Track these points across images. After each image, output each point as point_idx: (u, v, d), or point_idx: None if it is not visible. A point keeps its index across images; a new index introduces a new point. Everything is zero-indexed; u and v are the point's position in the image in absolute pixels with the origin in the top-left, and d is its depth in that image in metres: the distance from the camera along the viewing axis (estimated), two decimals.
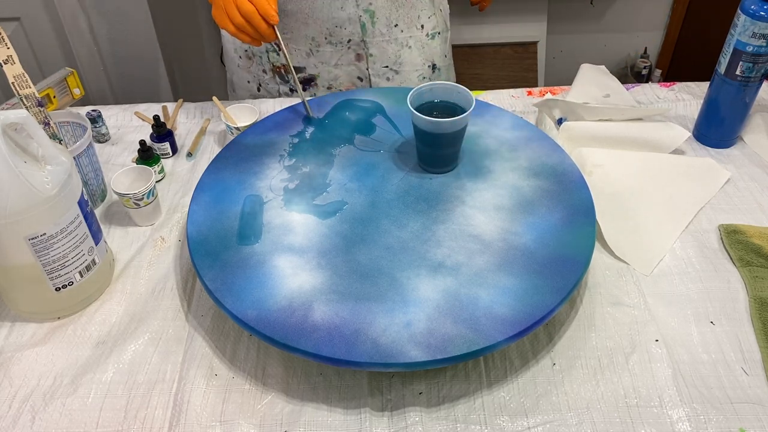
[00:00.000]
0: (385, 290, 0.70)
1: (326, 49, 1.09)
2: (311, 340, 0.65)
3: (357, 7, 1.04)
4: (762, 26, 0.87)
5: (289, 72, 1.13)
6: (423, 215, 0.79)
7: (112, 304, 0.79)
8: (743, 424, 0.65)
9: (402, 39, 1.11)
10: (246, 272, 0.72)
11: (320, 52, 1.10)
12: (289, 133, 0.93)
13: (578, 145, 0.98)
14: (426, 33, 1.13)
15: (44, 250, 0.71)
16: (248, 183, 0.84)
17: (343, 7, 1.04)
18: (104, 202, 0.94)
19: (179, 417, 0.67)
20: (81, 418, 0.67)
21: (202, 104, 1.12)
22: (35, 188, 0.67)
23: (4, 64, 0.80)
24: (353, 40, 1.09)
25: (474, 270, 0.72)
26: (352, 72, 1.14)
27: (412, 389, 0.69)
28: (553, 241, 0.75)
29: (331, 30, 1.07)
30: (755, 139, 1.01)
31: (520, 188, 0.82)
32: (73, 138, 0.93)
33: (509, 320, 0.66)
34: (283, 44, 0.91)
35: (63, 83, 1.07)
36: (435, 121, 0.79)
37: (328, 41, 1.08)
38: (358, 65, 1.12)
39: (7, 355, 0.73)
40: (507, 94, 1.13)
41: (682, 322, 0.75)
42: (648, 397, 0.67)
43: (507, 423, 0.66)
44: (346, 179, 0.85)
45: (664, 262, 0.82)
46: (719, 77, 0.96)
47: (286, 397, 0.69)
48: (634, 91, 1.13)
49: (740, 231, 0.84)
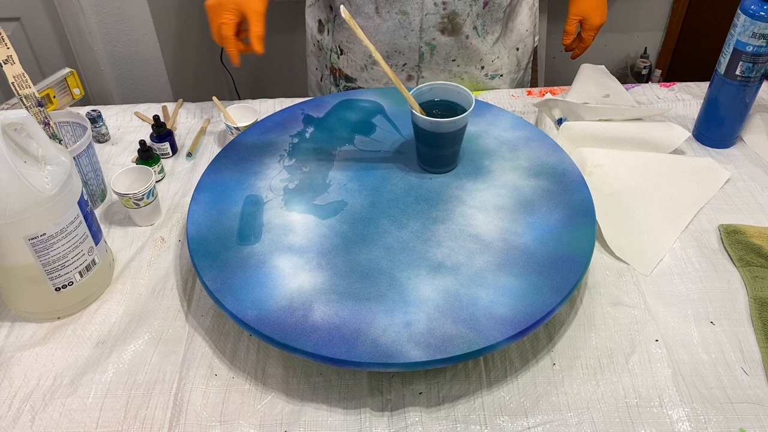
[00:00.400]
0: (385, 290, 0.70)
1: (381, 68, 1.09)
2: (311, 340, 0.65)
3: (420, 39, 1.05)
4: (762, 26, 0.87)
5: (341, 78, 1.14)
6: (423, 215, 0.79)
7: (112, 304, 0.79)
8: (743, 424, 0.65)
9: (457, 71, 1.11)
10: (246, 272, 0.72)
11: (375, 70, 1.10)
12: (289, 133, 0.93)
13: (578, 145, 0.98)
14: (485, 73, 1.13)
15: (44, 250, 0.71)
16: (248, 183, 0.84)
17: (406, 36, 1.05)
18: (104, 202, 0.94)
19: (179, 417, 0.67)
20: (81, 418, 0.67)
21: (202, 104, 1.12)
22: (35, 188, 0.67)
23: (4, 64, 0.80)
24: (408, 65, 1.09)
25: (474, 270, 0.72)
26: None
27: (412, 389, 0.69)
28: (553, 241, 0.75)
29: (389, 53, 1.08)
30: (755, 139, 1.01)
31: (520, 188, 0.82)
32: (73, 138, 0.93)
33: (509, 320, 0.66)
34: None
35: (63, 83, 1.07)
36: (435, 121, 0.79)
37: (385, 62, 1.08)
38: (407, 84, 1.13)
39: (7, 355, 0.73)
40: (507, 94, 1.13)
41: (682, 322, 0.75)
42: (648, 397, 0.67)
43: (507, 423, 0.66)
44: (346, 179, 0.85)
45: (664, 262, 0.82)
46: (719, 77, 0.96)
47: (286, 397, 0.69)
48: (634, 91, 1.13)
49: (740, 231, 0.84)
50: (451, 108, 0.84)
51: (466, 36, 1.05)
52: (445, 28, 1.04)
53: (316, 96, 1.20)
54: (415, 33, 1.04)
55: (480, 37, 1.07)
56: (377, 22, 1.04)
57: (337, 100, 0.99)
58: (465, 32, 1.05)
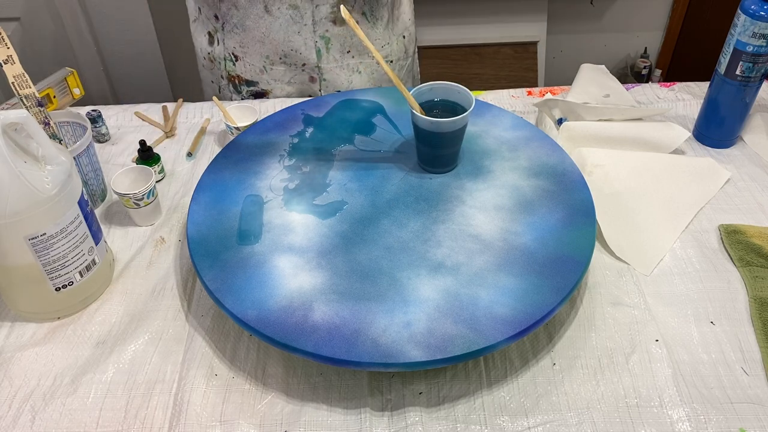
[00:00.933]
0: (385, 290, 0.70)
1: (280, 68, 1.10)
2: (311, 340, 0.65)
3: (314, 33, 1.05)
4: (762, 26, 0.87)
5: (242, 83, 1.14)
6: (423, 215, 0.79)
7: (112, 304, 0.79)
8: (743, 424, 0.65)
9: (353, 65, 1.13)
10: (246, 272, 0.72)
11: (274, 70, 1.11)
12: (289, 133, 0.93)
13: (578, 145, 0.98)
14: (377, 60, 1.14)
15: (44, 250, 0.71)
16: (248, 183, 0.84)
17: (300, 32, 1.05)
18: (104, 202, 0.94)
19: (179, 417, 0.67)
20: (81, 418, 0.67)
21: (202, 104, 1.12)
22: (35, 188, 0.67)
23: (4, 64, 0.80)
24: (308, 65, 1.10)
25: (474, 270, 0.72)
26: (305, 90, 1.16)
27: (412, 389, 0.69)
28: (553, 241, 0.75)
29: (286, 52, 1.08)
30: (755, 139, 1.01)
31: (520, 188, 0.82)
32: (73, 138, 0.93)
33: (509, 320, 0.66)
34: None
35: (63, 83, 1.07)
36: (435, 121, 0.79)
37: (283, 61, 1.10)
38: (311, 85, 1.14)
39: (7, 355, 0.73)
40: (507, 94, 1.13)
41: (682, 322, 0.75)
42: (648, 397, 0.67)
43: (507, 423, 0.66)
44: (346, 179, 0.85)
45: (664, 262, 0.82)
46: (719, 77, 0.96)
47: (286, 397, 0.69)
48: (634, 91, 1.13)
49: (740, 231, 0.84)
50: (451, 108, 0.84)
51: (357, 22, 1.05)
52: (336, 17, 1.05)
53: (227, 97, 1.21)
54: (308, 27, 1.04)
55: (369, 22, 1.08)
56: (268, 21, 1.04)
57: (337, 100, 0.99)
58: (355, 18, 1.05)
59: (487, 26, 2.07)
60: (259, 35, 1.06)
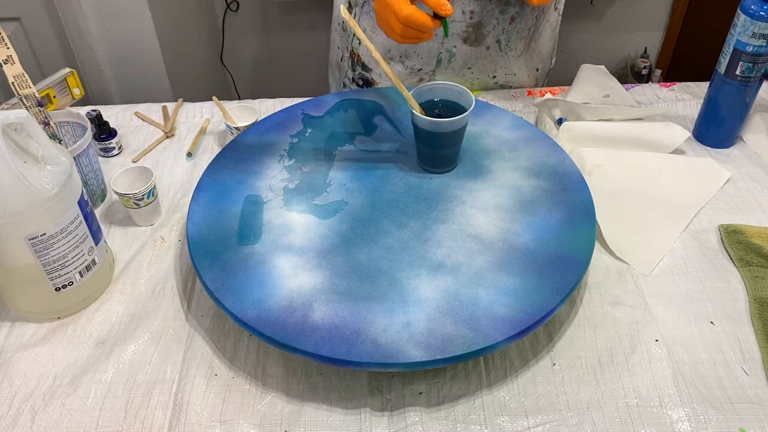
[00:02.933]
0: (385, 290, 0.70)
1: (396, 67, 1.08)
2: (311, 340, 0.65)
3: (441, 45, 1.03)
4: (762, 26, 0.87)
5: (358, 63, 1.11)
6: (423, 215, 0.79)
7: (112, 304, 0.79)
8: (743, 424, 0.65)
9: (469, 78, 1.10)
10: (246, 272, 0.72)
11: (390, 66, 1.08)
12: (289, 133, 0.93)
13: (578, 145, 0.98)
14: (495, 82, 1.12)
15: (44, 250, 0.71)
16: (248, 183, 0.84)
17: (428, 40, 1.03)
18: (104, 202, 0.94)
19: (179, 417, 0.67)
20: (81, 418, 0.67)
21: (202, 104, 1.12)
22: (35, 188, 0.67)
23: (4, 64, 0.80)
24: (424, 70, 1.08)
25: (474, 270, 0.72)
26: None
27: (412, 389, 0.69)
28: (553, 241, 0.75)
29: (408, 53, 1.06)
30: (755, 139, 1.01)
31: (520, 188, 0.82)
32: (73, 138, 0.93)
33: (509, 320, 0.66)
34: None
35: (63, 83, 1.07)
36: (435, 121, 0.79)
37: (401, 61, 1.07)
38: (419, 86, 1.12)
39: (7, 355, 0.73)
40: (507, 94, 1.13)
41: (682, 322, 0.75)
42: (648, 397, 0.67)
43: (507, 423, 0.66)
44: (346, 179, 0.85)
45: (664, 262, 0.82)
46: (719, 77, 0.96)
47: (286, 397, 0.69)
48: (634, 91, 1.13)
49: (740, 231, 0.84)
50: (452, 108, 0.84)
51: (487, 47, 1.04)
52: (468, 37, 1.03)
53: (335, 73, 1.19)
54: (438, 38, 1.03)
55: (501, 51, 1.06)
56: None
57: (337, 100, 0.99)
58: (487, 43, 1.04)
59: None
60: None
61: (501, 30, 1.03)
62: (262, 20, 2.14)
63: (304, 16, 2.12)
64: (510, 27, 1.03)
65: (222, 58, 2.17)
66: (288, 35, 2.18)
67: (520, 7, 1.01)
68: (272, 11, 2.13)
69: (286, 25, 2.15)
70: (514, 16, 1.02)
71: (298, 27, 2.14)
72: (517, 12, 1.02)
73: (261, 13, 2.13)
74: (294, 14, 2.13)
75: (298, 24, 2.12)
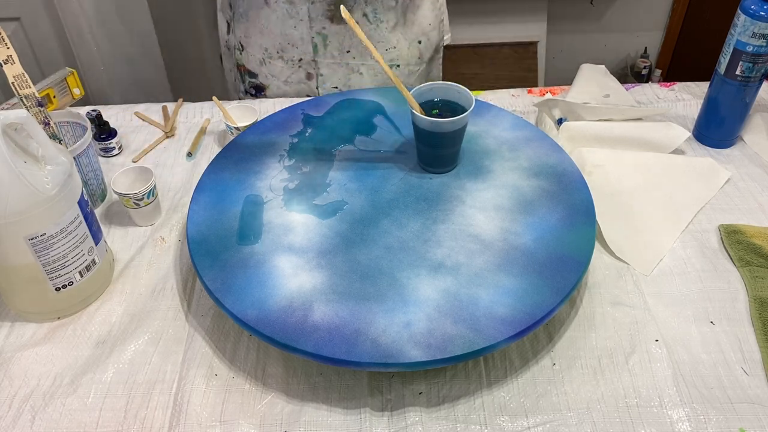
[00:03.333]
0: (385, 290, 0.70)
1: (277, 63, 1.09)
2: (311, 340, 0.65)
3: (310, 29, 1.04)
4: (762, 26, 0.87)
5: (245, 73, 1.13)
6: (423, 215, 0.79)
7: (112, 304, 0.79)
8: (743, 424, 0.65)
9: (353, 65, 1.10)
10: (246, 272, 0.72)
11: (272, 65, 1.10)
12: (289, 133, 0.93)
13: (578, 145, 0.98)
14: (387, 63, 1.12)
15: (44, 250, 0.71)
16: (248, 183, 0.84)
17: (296, 26, 1.04)
18: (104, 202, 0.94)
19: (179, 417, 0.67)
20: (81, 418, 0.67)
21: (202, 104, 1.12)
22: (35, 188, 0.67)
23: (4, 64, 0.80)
24: (304, 59, 1.09)
25: (474, 270, 0.72)
26: (302, 90, 1.15)
27: (412, 389, 0.69)
28: (553, 241, 0.75)
29: (283, 46, 1.07)
30: (755, 139, 1.01)
31: (520, 188, 0.82)
32: (73, 138, 0.93)
33: (509, 320, 0.66)
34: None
35: (63, 83, 1.07)
36: (435, 121, 0.79)
37: (280, 56, 1.09)
38: (308, 83, 1.13)
39: (7, 355, 0.73)
40: (507, 94, 1.13)
41: (682, 322, 0.75)
42: (648, 397, 0.67)
43: (507, 423, 0.66)
44: (346, 179, 0.85)
45: (664, 262, 0.82)
46: (719, 77, 0.96)
47: (286, 397, 0.69)
48: (634, 91, 1.13)
49: (740, 231, 0.84)
50: (452, 108, 0.84)
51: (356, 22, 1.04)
52: (333, 15, 1.02)
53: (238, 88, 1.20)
54: (305, 23, 1.03)
55: (372, 24, 1.05)
56: (267, 12, 1.03)
57: (337, 100, 0.99)
58: (355, 18, 1.03)
59: (487, 26, 2.07)
60: (260, 26, 1.05)
61: (364, 2, 1.03)
62: None
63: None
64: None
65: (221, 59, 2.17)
66: None
67: None
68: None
69: None
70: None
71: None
72: None
73: None
74: None
75: None
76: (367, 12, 1.05)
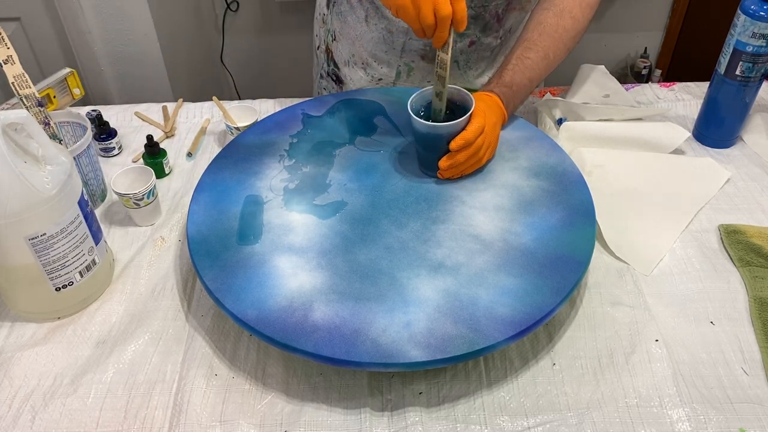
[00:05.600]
0: (385, 290, 0.70)
1: (359, 72, 1.09)
2: (311, 340, 0.65)
3: (399, 58, 1.05)
4: (762, 26, 0.87)
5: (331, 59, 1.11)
6: (423, 215, 0.79)
7: (112, 304, 0.79)
8: (743, 424, 0.65)
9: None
10: (246, 272, 0.72)
11: (354, 70, 1.10)
12: (289, 133, 0.93)
13: (578, 145, 0.98)
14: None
15: (44, 250, 0.71)
16: (248, 183, 0.84)
17: (387, 51, 1.05)
18: (104, 202, 0.94)
19: (179, 417, 0.67)
20: (81, 418, 0.67)
21: (202, 104, 1.12)
22: (35, 188, 0.67)
23: (4, 64, 0.80)
24: (384, 80, 1.09)
25: (474, 270, 0.72)
26: None
27: (412, 389, 0.69)
28: (553, 241, 0.75)
29: (370, 63, 1.07)
30: (755, 139, 1.01)
31: (520, 188, 0.82)
32: (73, 138, 0.93)
33: (509, 320, 0.66)
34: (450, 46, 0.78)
35: (63, 83, 1.07)
36: (433, 125, 0.79)
37: (363, 68, 1.08)
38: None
39: (7, 355, 0.73)
40: None
41: (682, 322, 0.75)
42: (648, 397, 0.67)
43: (507, 423, 0.66)
44: (346, 179, 0.85)
45: (664, 262, 0.82)
46: (719, 77, 0.96)
47: (286, 397, 0.69)
48: (634, 91, 1.13)
49: (740, 231, 0.84)
50: (452, 109, 0.84)
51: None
52: (426, 54, 1.04)
53: (314, 59, 1.19)
54: (396, 52, 1.04)
55: (460, 70, 1.07)
56: (363, 29, 1.04)
57: (337, 100, 0.99)
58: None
59: None
60: (353, 36, 1.06)
61: (459, 52, 1.04)
62: (262, 20, 2.14)
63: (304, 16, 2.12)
64: (469, 50, 1.04)
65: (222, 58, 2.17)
66: (288, 35, 2.18)
67: (481, 32, 1.01)
68: (272, 11, 2.13)
69: (286, 25, 2.15)
70: (473, 41, 1.02)
71: (298, 27, 2.14)
72: (477, 36, 1.02)
73: (261, 13, 2.13)
74: (294, 14, 2.13)
75: (298, 24, 2.12)
76: (459, 60, 1.05)
